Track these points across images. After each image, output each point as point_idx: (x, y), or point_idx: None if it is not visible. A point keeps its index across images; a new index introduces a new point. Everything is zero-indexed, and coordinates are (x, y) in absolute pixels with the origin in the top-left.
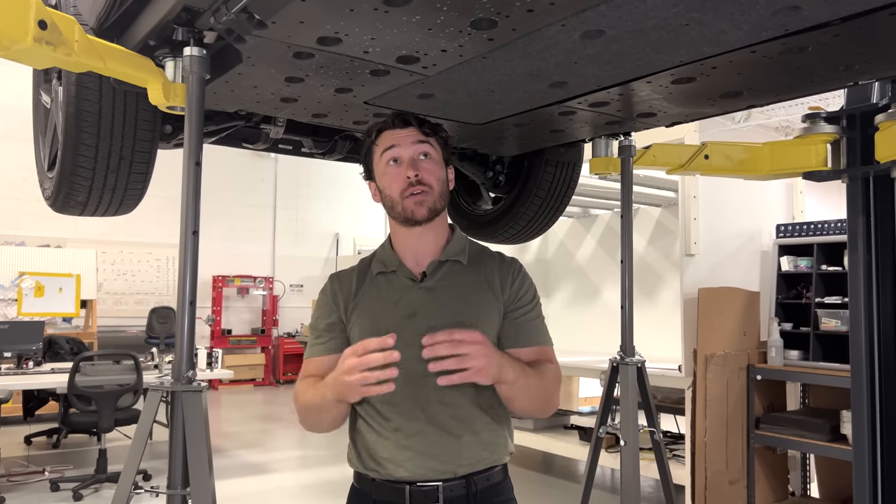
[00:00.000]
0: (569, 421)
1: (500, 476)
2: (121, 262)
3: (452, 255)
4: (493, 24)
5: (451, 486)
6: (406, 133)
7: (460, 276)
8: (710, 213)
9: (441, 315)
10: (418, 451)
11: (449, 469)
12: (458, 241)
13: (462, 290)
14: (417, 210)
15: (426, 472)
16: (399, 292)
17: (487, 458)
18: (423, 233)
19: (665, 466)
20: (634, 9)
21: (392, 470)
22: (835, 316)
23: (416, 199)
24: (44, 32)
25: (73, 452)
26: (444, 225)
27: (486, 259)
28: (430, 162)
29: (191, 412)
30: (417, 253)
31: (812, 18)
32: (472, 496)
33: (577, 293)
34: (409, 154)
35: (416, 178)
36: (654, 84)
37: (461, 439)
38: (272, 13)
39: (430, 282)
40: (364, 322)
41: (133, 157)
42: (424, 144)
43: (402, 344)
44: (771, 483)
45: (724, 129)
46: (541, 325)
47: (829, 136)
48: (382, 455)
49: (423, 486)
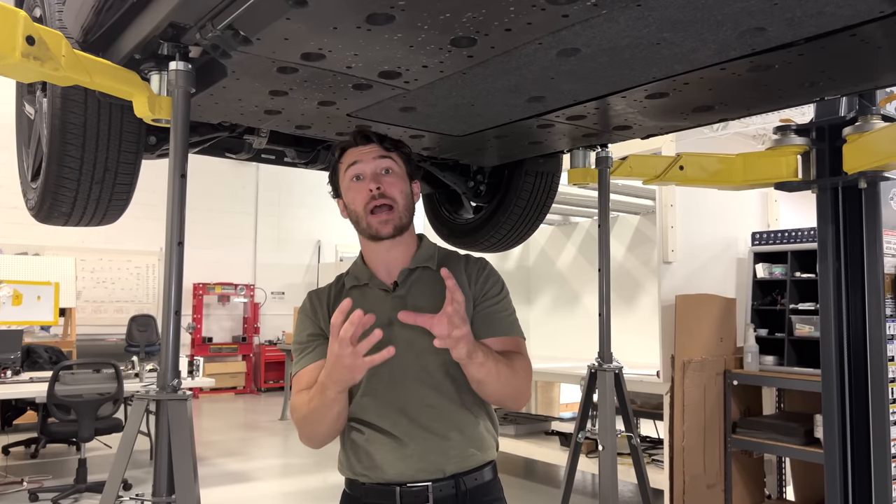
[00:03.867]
0: (550, 427)
1: (489, 475)
2: (100, 270)
3: (421, 261)
4: (472, 42)
5: (440, 485)
6: (368, 149)
7: (430, 281)
8: (687, 221)
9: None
10: (406, 453)
11: (437, 468)
12: (427, 248)
13: (433, 293)
14: (382, 228)
15: (415, 472)
16: (373, 303)
17: (475, 456)
18: (392, 246)
19: (643, 471)
20: (608, 28)
21: (381, 473)
22: (808, 322)
23: (379, 219)
24: (31, 48)
25: (51, 462)
26: (412, 236)
27: (452, 261)
28: (393, 176)
29: (176, 420)
30: (388, 264)
31: (777, 39)
32: (461, 496)
33: (558, 300)
34: (371, 169)
35: (379, 191)
36: (628, 99)
37: (448, 439)
38: (257, 30)
39: (401, 290)
40: None
41: (118, 168)
42: (386, 160)
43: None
44: (748, 486)
45: (701, 138)
46: (511, 317)
47: (799, 147)
48: (372, 459)
49: (413, 487)
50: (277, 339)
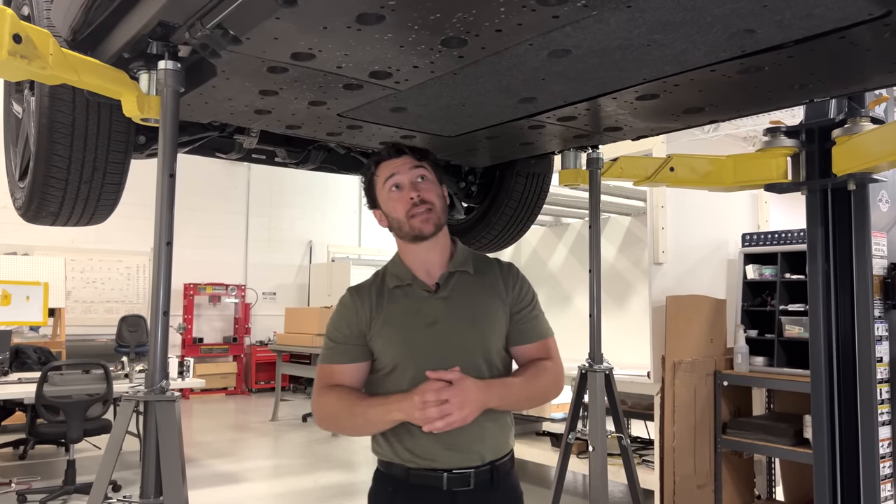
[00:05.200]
0: (541, 427)
1: (510, 464)
2: (90, 270)
3: (460, 265)
4: (463, 43)
5: (480, 472)
6: (402, 161)
7: (470, 285)
8: (678, 222)
9: (458, 321)
10: (450, 443)
11: (478, 456)
12: (462, 252)
13: (474, 297)
14: (425, 227)
15: (460, 460)
16: (418, 303)
17: (505, 443)
18: (430, 247)
19: (632, 471)
20: (598, 30)
21: (430, 461)
22: (798, 323)
23: (421, 218)
24: (18, 46)
25: (40, 464)
26: (446, 238)
27: (488, 267)
28: (428, 182)
29: (164, 422)
30: (427, 265)
31: (766, 41)
32: (494, 480)
33: (550, 300)
34: (408, 179)
35: (419, 197)
36: (619, 100)
37: (484, 428)
38: (247, 29)
39: (444, 292)
40: (389, 332)
41: (106, 167)
42: (420, 168)
43: (427, 350)
44: (738, 487)
45: (692, 139)
46: (541, 320)
47: (788, 149)
48: (421, 447)
49: (458, 473)
50: (269, 339)
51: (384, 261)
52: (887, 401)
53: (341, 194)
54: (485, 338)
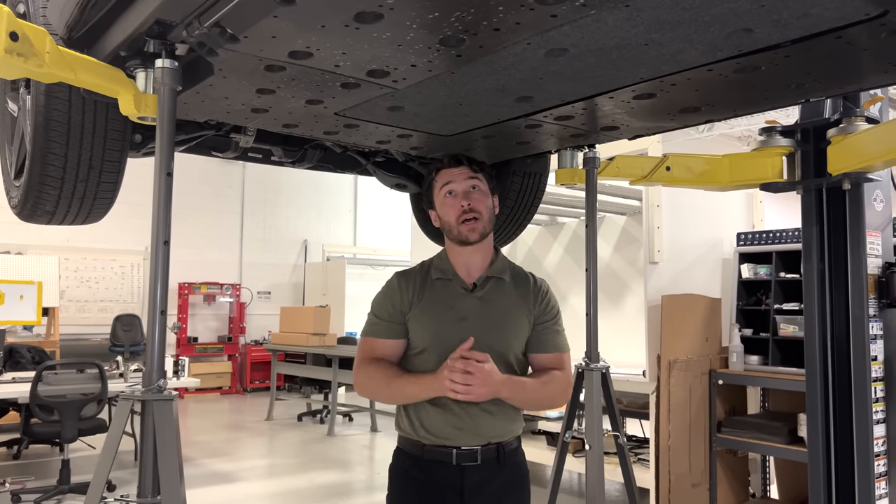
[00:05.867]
0: (536, 426)
1: (516, 443)
2: (84, 269)
3: (498, 272)
4: (460, 42)
5: (486, 449)
6: (459, 171)
7: (504, 292)
8: (674, 222)
9: (486, 321)
10: (462, 424)
11: (485, 437)
12: (502, 261)
13: (505, 303)
14: (471, 234)
15: (470, 439)
16: (454, 298)
17: (512, 430)
18: (474, 251)
19: (629, 470)
20: (596, 29)
21: (442, 439)
22: (792, 322)
23: (469, 227)
24: (15, 44)
25: (34, 463)
26: (489, 246)
27: (523, 279)
28: (479, 193)
29: (161, 421)
30: (469, 267)
31: (763, 41)
32: (500, 457)
33: None
34: (462, 188)
35: (469, 206)
36: (616, 99)
37: (495, 416)
38: (245, 28)
39: (479, 292)
40: (425, 318)
41: (103, 166)
42: (474, 179)
43: (454, 341)
44: (732, 485)
45: (687, 139)
46: (561, 334)
47: (784, 149)
48: (436, 426)
49: (467, 451)
50: (263, 338)
51: (379, 260)
52: (882, 399)
53: (336, 194)
54: (507, 340)
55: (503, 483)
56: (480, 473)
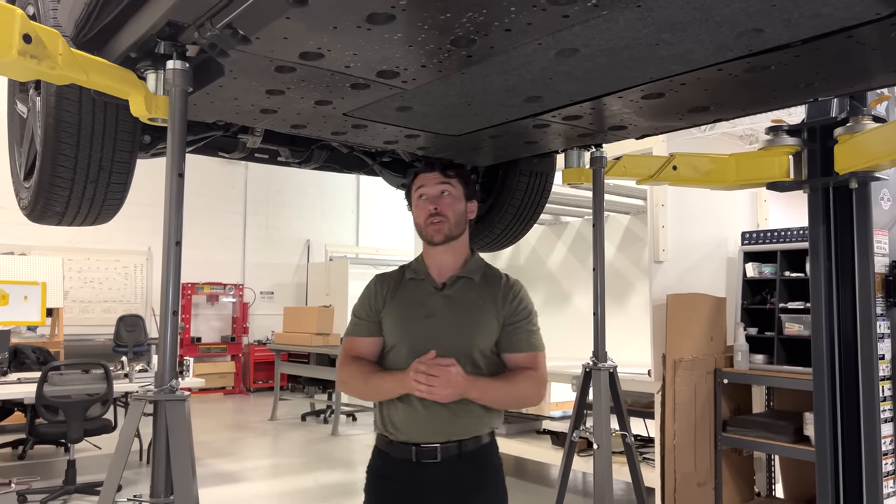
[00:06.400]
0: (541, 426)
1: (487, 439)
2: (88, 270)
3: (468, 272)
4: (471, 43)
5: (446, 447)
6: (431, 176)
7: (472, 291)
8: (678, 221)
9: (453, 318)
10: (421, 423)
11: (445, 434)
12: (475, 262)
13: (471, 302)
14: (435, 235)
15: (429, 436)
16: (424, 296)
17: (474, 429)
18: (445, 252)
19: (637, 469)
20: (607, 29)
21: (404, 434)
22: (797, 321)
23: (434, 228)
24: (28, 46)
25: (40, 463)
26: (462, 247)
27: (494, 280)
28: (449, 197)
29: (174, 421)
30: (440, 267)
31: (774, 40)
32: (463, 455)
33: (549, 299)
34: (433, 192)
35: (435, 210)
36: (625, 99)
37: (457, 414)
38: (257, 29)
39: (448, 291)
40: (395, 315)
41: (112, 167)
42: (445, 184)
43: (421, 337)
44: (737, 484)
45: (690, 138)
46: (534, 334)
47: (791, 148)
48: (398, 422)
49: (426, 447)
50: (266, 339)
51: (381, 260)
52: (889, 398)
53: (339, 194)
54: (470, 337)
55: (465, 483)
56: (440, 471)
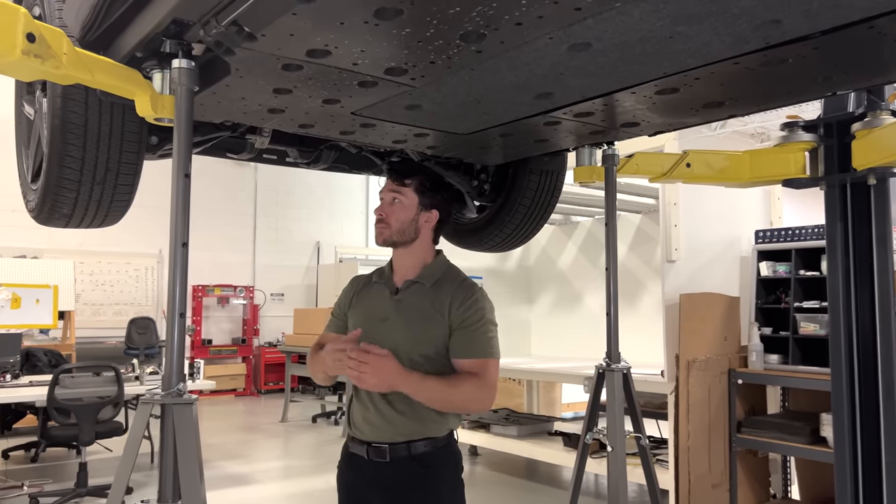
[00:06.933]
0: (552, 427)
1: (443, 441)
2: (99, 273)
3: (422, 278)
4: (481, 38)
5: (395, 447)
6: (388, 183)
7: (420, 296)
8: (691, 219)
9: (402, 323)
10: (372, 422)
11: (394, 435)
12: (435, 266)
13: (418, 308)
14: (377, 238)
15: (378, 435)
16: (381, 299)
17: (421, 431)
18: (402, 256)
19: (651, 472)
20: (621, 22)
21: (358, 432)
22: (813, 320)
23: (377, 231)
24: (32, 45)
25: (52, 466)
26: (420, 252)
27: (447, 285)
28: (398, 206)
29: (181, 425)
30: (401, 271)
31: (792, 32)
32: (414, 456)
33: (559, 300)
34: (384, 198)
35: (380, 216)
36: (638, 95)
37: (403, 414)
38: (263, 26)
39: (400, 296)
40: (356, 315)
41: (119, 168)
42: (395, 192)
43: (374, 340)
44: (753, 486)
45: (700, 136)
46: (483, 340)
47: (807, 144)
48: (357, 421)
49: (377, 446)
50: (277, 340)
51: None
52: None
53: (348, 195)
54: (414, 340)
55: (414, 486)
56: (390, 472)
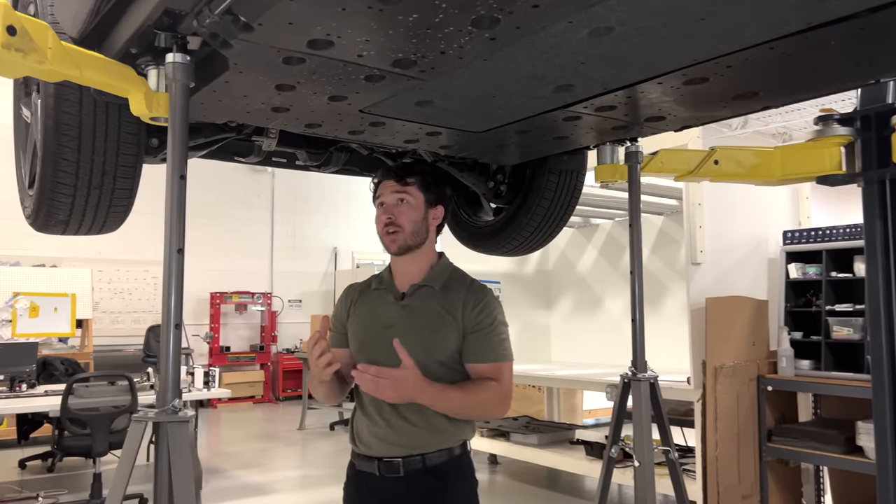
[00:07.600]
0: (574, 436)
1: (457, 452)
2: (117, 281)
3: (430, 281)
4: (495, 22)
5: (409, 461)
6: (388, 184)
7: (430, 300)
8: (716, 220)
9: (410, 329)
10: (381, 436)
11: (407, 447)
12: (441, 269)
13: (429, 311)
14: (391, 246)
15: (389, 450)
16: (384, 306)
17: (437, 443)
18: (408, 261)
19: (681, 486)
20: (647, 2)
21: (366, 448)
22: (846, 324)
23: (390, 238)
24: (12, 38)
25: (68, 476)
26: (426, 255)
27: (457, 287)
28: (406, 206)
29: (176, 443)
30: (404, 276)
31: (838, 10)
32: (429, 469)
33: (579, 304)
34: (390, 201)
35: (389, 220)
36: (664, 85)
37: (416, 426)
38: (258, 14)
39: (407, 301)
40: (356, 325)
41: (117, 172)
42: (401, 193)
43: (378, 347)
44: (784, 497)
45: (720, 137)
46: (498, 343)
47: (843, 138)
48: (361, 435)
49: (389, 461)
50: (295, 347)
51: None
52: None
53: (364, 200)
54: (426, 346)
55: (429, 497)
56: (405, 487)
